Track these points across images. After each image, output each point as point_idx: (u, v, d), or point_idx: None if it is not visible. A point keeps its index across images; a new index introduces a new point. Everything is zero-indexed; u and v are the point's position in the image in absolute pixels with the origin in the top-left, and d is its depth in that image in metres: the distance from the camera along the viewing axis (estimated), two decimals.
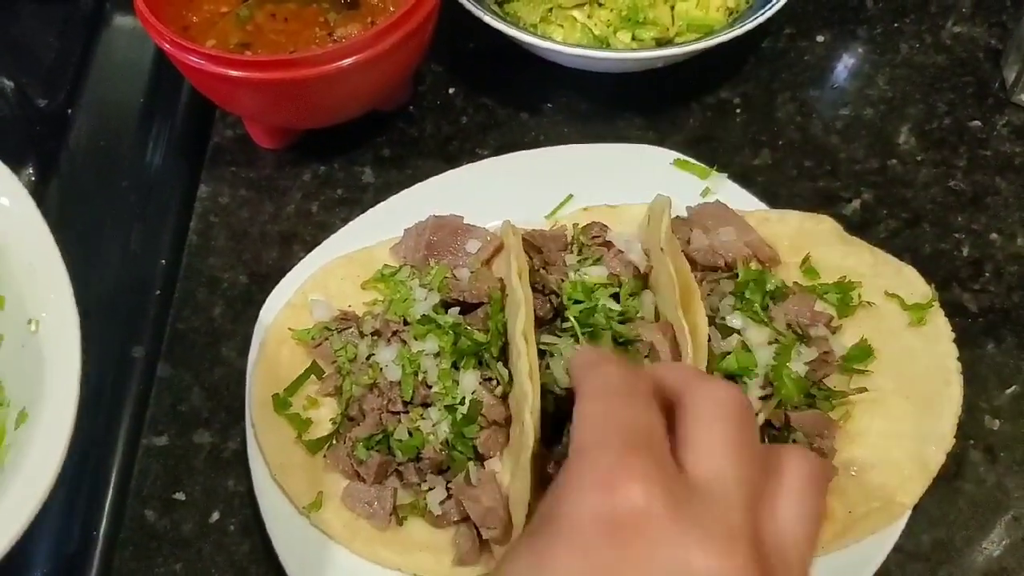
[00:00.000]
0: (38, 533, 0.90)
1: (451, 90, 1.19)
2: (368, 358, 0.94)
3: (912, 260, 1.00)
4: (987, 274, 1.05)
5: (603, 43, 1.11)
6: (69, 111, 1.16)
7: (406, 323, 0.95)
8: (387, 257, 1.02)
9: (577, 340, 0.91)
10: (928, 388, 0.92)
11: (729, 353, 0.89)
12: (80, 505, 0.93)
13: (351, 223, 1.05)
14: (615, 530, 0.56)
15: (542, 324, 0.95)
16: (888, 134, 1.15)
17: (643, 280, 0.98)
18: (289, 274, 1.01)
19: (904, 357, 0.93)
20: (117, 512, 0.94)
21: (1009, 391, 0.98)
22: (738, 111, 1.17)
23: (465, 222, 1.02)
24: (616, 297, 0.95)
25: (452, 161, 1.11)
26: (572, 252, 1.00)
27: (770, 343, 0.90)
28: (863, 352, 0.93)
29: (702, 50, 1.06)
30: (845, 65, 1.21)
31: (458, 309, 0.95)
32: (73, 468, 0.93)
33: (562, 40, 1.10)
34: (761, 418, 0.87)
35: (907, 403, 0.91)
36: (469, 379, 0.91)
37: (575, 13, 1.12)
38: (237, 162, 1.14)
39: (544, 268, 0.99)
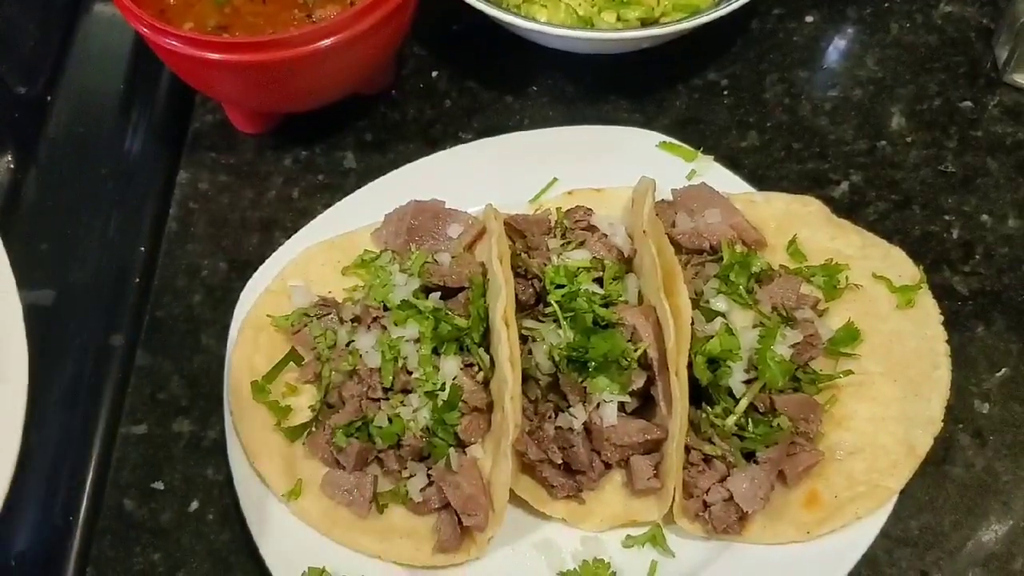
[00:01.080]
0: (16, 522, 0.89)
1: (434, 73, 1.18)
2: (348, 344, 0.92)
3: (901, 242, 0.99)
4: (977, 256, 1.03)
5: (587, 23, 1.10)
6: (48, 98, 1.15)
7: (387, 309, 0.94)
8: (368, 243, 1.01)
9: (559, 325, 0.90)
10: (916, 371, 0.90)
11: (713, 336, 0.88)
12: (59, 494, 0.92)
13: (332, 208, 1.03)
14: None
15: (524, 309, 0.94)
16: (878, 115, 1.13)
17: (628, 264, 0.97)
18: (268, 260, 1.00)
19: (892, 340, 0.92)
20: (96, 501, 0.93)
21: (999, 374, 0.96)
22: (726, 93, 1.15)
23: (447, 206, 1.01)
24: (600, 281, 0.94)
25: (435, 145, 1.10)
26: (556, 236, 0.98)
27: (754, 326, 0.89)
28: (850, 335, 0.91)
29: (688, 30, 1.04)
30: (834, 45, 1.19)
31: (439, 294, 0.94)
32: (51, 457, 0.93)
33: (546, 21, 1.08)
34: (745, 402, 0.86)
35: (895, 387, 0.90)
36: (450, 365, 0.89)
37: None
38: (217, 148, 1.13)
39: (527, 252, 0.97)
